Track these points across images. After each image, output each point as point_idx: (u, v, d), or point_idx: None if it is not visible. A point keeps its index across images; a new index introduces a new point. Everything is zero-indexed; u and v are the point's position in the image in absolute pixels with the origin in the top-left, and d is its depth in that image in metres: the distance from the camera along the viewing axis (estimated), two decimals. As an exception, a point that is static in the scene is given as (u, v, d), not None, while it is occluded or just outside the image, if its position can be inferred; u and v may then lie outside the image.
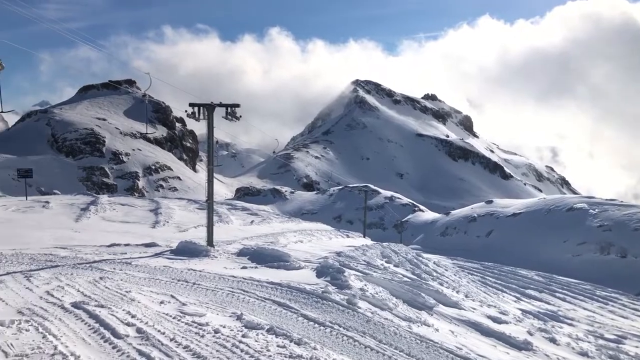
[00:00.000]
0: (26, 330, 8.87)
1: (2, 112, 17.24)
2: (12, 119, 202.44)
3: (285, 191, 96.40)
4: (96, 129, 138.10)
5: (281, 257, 17.41)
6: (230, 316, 10.46)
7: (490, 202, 64.83)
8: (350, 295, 12.99)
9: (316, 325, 10.52)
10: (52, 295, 11.49)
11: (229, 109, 22.06)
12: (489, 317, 16.26)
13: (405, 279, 17.55)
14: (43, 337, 8.52)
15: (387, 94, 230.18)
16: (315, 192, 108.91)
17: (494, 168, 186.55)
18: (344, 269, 15.93)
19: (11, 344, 8.18)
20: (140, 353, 7.98)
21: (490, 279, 27.76)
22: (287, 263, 16.71)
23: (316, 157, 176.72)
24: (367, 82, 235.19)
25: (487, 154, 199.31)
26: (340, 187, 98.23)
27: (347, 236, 31.88)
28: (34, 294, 11.73)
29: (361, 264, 18.68)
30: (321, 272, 15.68)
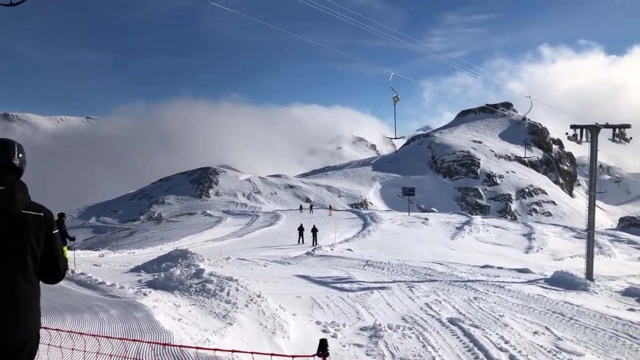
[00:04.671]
0: (409, 337, 9.81)
1: (395, 138, 19.65)
2: (399, 143, 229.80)
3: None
4: (472, 151, 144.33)
5: (681, 303, 14.70)
6: (614, 363, 9.35)
7: None
8: None
9: None
10: (431, 308, 12.43)
11: (617, 130, 20.07)
12: None
13: None
14: (423, 347, 9.27)
15: None
16: None
17: None
18: None
19: (397, 347, 9.18)
20: (513, 382, 7.85)
21: None
22: (689, 312, 14.01)
23: None
24: None
25: None
26: None
27: None
28: (415, 304, 12.93)
29: None
30: None
